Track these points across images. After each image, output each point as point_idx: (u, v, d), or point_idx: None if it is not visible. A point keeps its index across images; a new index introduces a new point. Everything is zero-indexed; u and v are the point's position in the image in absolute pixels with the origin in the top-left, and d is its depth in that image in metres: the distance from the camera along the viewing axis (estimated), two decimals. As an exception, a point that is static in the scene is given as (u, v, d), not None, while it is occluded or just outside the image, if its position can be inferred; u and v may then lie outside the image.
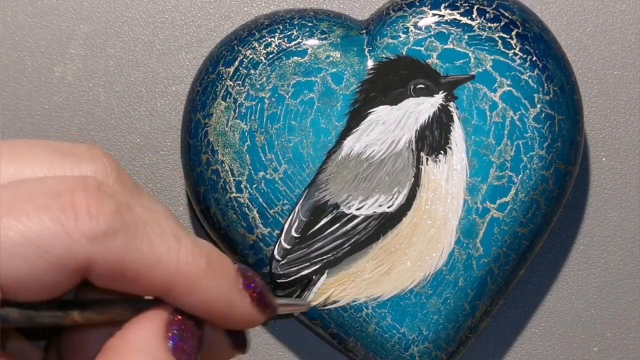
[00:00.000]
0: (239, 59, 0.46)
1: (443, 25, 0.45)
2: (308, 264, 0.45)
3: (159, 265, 0.33)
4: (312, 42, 0.45)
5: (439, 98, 0.45)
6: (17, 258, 0.31)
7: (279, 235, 0.45)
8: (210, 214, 0.46)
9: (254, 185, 0.45)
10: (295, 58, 0.45)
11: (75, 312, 0.34)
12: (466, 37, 0.45)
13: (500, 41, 0.45)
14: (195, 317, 0.35)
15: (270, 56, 0.45)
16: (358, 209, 0.45)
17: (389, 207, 0.45)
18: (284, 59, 0.45)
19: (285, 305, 0.40)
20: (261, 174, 0.45)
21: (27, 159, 0.33)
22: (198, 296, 0.34)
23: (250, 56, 0.45)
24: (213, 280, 0.35)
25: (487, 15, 0.45)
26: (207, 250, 0.34)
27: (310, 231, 0.45)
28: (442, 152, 0.45)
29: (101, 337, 0.35)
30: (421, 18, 0.45)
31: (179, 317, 0.35)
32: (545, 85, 0.45)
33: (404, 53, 0.45)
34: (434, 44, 0.45)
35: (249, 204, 0.45)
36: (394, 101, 0.45)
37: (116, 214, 0.32)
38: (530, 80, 0.45)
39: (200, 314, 0.35)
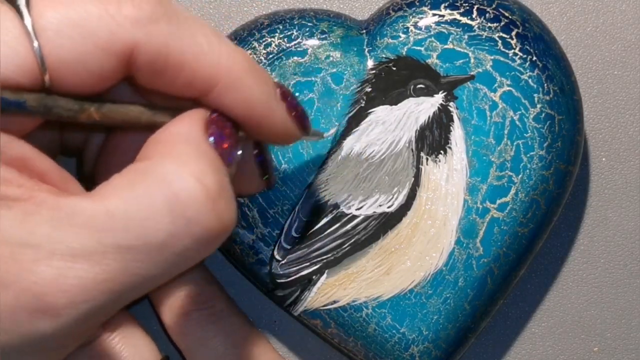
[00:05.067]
0: (239, 59, 0.46)
1: (443, 25, 0.45)
2: (308, 264, 0.45)
3: (202, 56, 0.34)
4: (312, 42, 0.45)
5: (439, 98, 0.45)
6: (63, 37, 0.32)
7: (279, 235, 0.45)
8: (210, 214, 0.46)
9: (254, 185, 0.45)
10: (295, 58, 0.45)
11: (92, 107, 0.34)
12: (466, 37, 0.45)
13: (500, 41, 0.45)
14: (233, 122, 0.36)
15: (270, 56, 0.45)
16: (358, 209, 0.45)
17: (389, 207, 0.45)
18: (284, 59, 0.45)
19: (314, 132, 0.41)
20: (261, 174, 0.45)
21: None
22: (239, 95, 0.35)
23: (251, 56, 0.45)
24: (254, 80, 0.35)
25: (487, 15, 0.45)
26: (247, 53, 0.35)
27: (310, 231, 0.45)
28: (442, 152, 0.45)
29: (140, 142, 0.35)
30: (421, 18, 0.45)
31: (217, 115, 0.35)
32: (545, 85, 0.45)
33: (404, 53, 0.45)
34: (434, 44, 0.45)
35: (249, 203, 0.45)
36: (394, 101, 0.45)
37: (158, 3, 0.33)
38: (530, 80, 0.45)
39: (239, 116, 0.35)
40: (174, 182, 0.32)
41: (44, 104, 0.33)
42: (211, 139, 0.34)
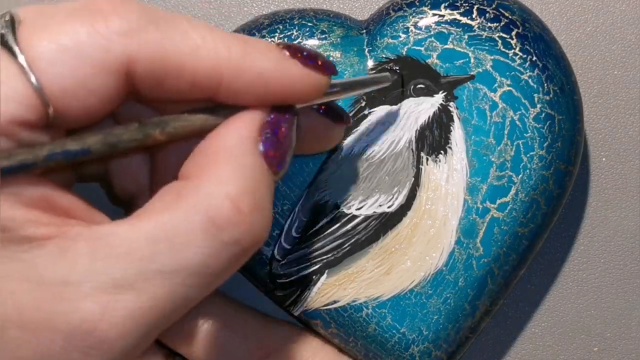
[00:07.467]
0: (239, 59, 0.45)
1: (443, 25, 0.45)
2: (308, 264, 0.45)
3: (199, 51, 0.33)
4: (312, 42, 0.45)
5: (439, 98, 0.45)
6: (57, 65, 0.32)
7: (279, 235, 0.45)
8: (210, 214, 0.46)
9: (254, 185, 0.45)
10: (295, 58, 0.45)
11: (155, 130, 0.34)
12: (466, 37, 0.45)
13: (500, 41, 0.45)
14: (285, 111, 0.35)
15: (270, 56, 0.45)
16: (358, 209, 0.45)
17: (389, 207, 0.45)
18: (284, 59, 0.45)
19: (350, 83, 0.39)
20: (261, 174, 0.45)
21: None
22: (249, 76, 0.34)
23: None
24: (257, 55, 0.34)
25: (487, 15, 0.45)
26: (240, 35, 0.35)
27: (311, 231, 0.45)
28: (442, 152, 0.45)
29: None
30: (421, 18, 0.45)
31: (272, 117, 0.35)
32: (545, 85, 0.45)
33: (404, 53, 0.45)
34: (434, 44, 0.45)
35: (249, 204, 0.45)
36: (394, 101, 0.45)
37: (142, 12, 0.33)
38: (530, 80, 0.45)
39: (262, 94, 0.34)
40: (210, 205, 0.32)
41: (108, 143, 0.33)
42: (261, 146, 0.34)
